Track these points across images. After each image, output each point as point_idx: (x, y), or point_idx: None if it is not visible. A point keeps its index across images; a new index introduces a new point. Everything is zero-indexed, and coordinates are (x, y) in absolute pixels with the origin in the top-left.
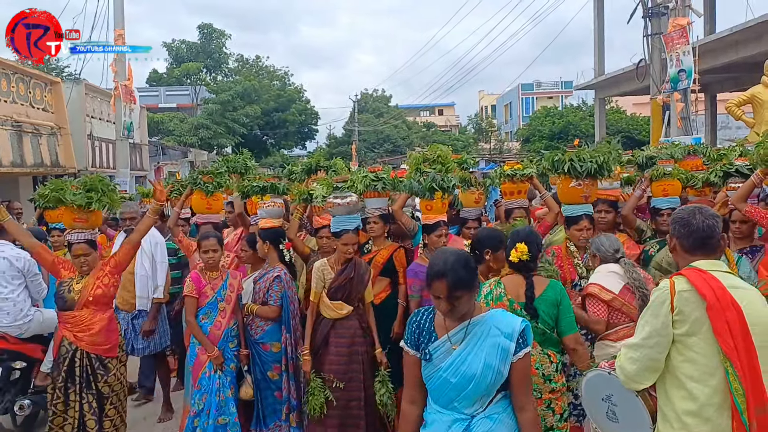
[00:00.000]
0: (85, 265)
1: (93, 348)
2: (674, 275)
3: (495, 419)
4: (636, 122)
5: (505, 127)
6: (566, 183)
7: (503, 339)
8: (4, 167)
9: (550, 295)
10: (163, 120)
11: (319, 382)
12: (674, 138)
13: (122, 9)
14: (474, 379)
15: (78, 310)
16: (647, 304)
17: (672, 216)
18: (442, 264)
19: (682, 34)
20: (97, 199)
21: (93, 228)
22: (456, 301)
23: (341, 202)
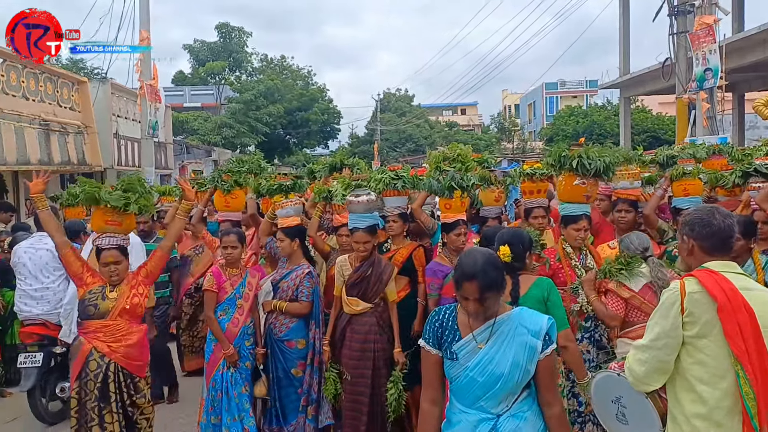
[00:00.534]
0: (115, 274)
1: (127, 362)
2: (685, 276)
3: (521, 417)
4: (661, 122)
5: (528, 126)
6: (569, 180)
7: (531, 338)
8: (32, 165)
9: (536, 293)
10: (188, 119)
11: (333, 374)
12: (700, 137)
13: (148, 10)
14: (502, 378)
15: (112, 319)
16: None
17: (686, 217)
18: (472, 265)
19: (709, 33)
20: (134, 200)
21: (126, 233)
22: (486, 302)
23: (357, 200)
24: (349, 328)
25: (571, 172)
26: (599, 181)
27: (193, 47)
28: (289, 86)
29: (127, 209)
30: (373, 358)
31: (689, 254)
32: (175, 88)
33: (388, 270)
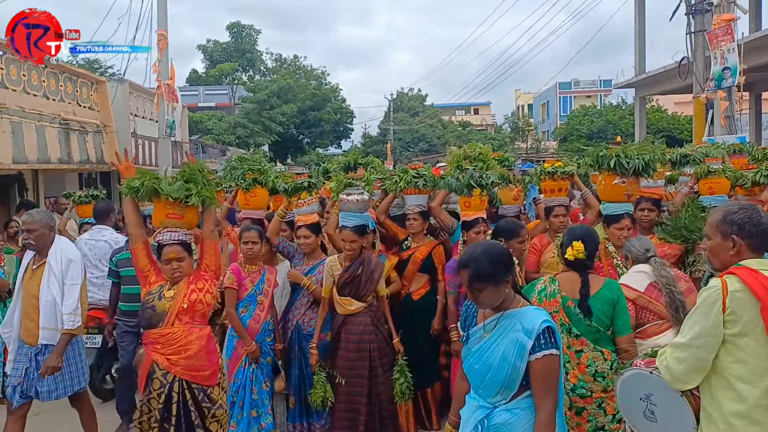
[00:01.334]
0: (177, 271)
1: (191, 375)
2: (724, 274)
3: (514, 413)
4: (677, 121)
5: (541, 126)
6: (609, 180)
7: (522, 335)
8: (52, 164)
9: (606, 294)
10: (202, 119)
11: (322, 377)
12: (718, 137)
13: (165, 9)
14: (492, 369)
15: (169, 326)
16: (673, 301)
17: (730, 216)
18: (467, 255)
19: (727, 31)
20: (196, 192)
21: (189, 227)
22: (477, 292)
23: (349, 199)
24: (343, 329)
25: (610, 172)
26: (640, 180)
27: (207, 47)
28: (302, 86)
29: (188, 201)
30: (369, 358)
31: (736, 254)
32: (189, 87)
33: (378, 268)
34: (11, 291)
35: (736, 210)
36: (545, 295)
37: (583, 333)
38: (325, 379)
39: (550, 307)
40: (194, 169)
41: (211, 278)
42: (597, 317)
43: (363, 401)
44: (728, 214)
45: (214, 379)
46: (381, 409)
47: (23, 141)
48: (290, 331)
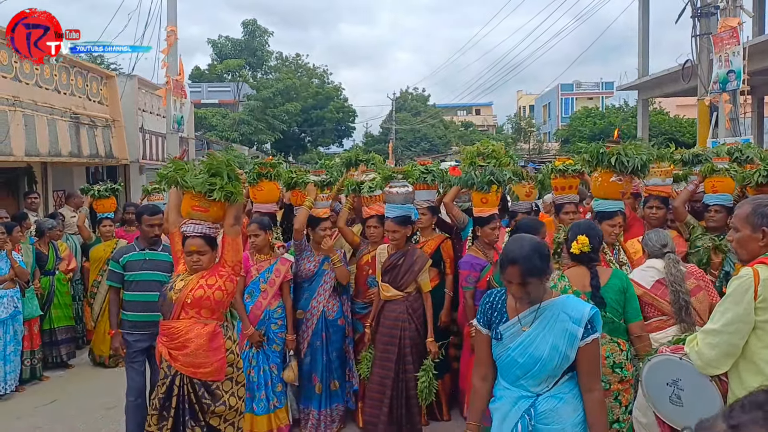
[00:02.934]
0: (197, 264)
1: (191, 371)
2: (756, 263)
3: (560, 398)
4: (679, 124)
5: (543, 127)
6: (606, 177)
7: (572, 324)
8: (62, 157)
9: (617, 283)
10: (206, 115)
11: (369, 355)
12: (722, 139)
13: (175, 5)
14: (540, 361)
15: (175, 320)
16: (678, 300)
17: (759, 209)
18: (517, 251)
19: (732, 35)
20: (219, 186)
21: (215, 221)
22: (528, 287)
23: (393, 191)
24: (382, 314)
25: (608, 169)
26: (634, 178)
27: (217, 42)
28: (305, 84)
29: (211, 196)
30: (399, 344)
31: (765, 245)
32: (192, 84)
33: (420, 261)
34: (29, 281)
35: (766, 203)
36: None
37: None
38: (370, 356)
39: None
40: (221, 162)
41: (228, 274)
42: (611, 307)
43: (390, 384)
44: (759, 206)
45: (218, 374)
46: (408, 396)
47: (35, 134)
48: (315, 318)
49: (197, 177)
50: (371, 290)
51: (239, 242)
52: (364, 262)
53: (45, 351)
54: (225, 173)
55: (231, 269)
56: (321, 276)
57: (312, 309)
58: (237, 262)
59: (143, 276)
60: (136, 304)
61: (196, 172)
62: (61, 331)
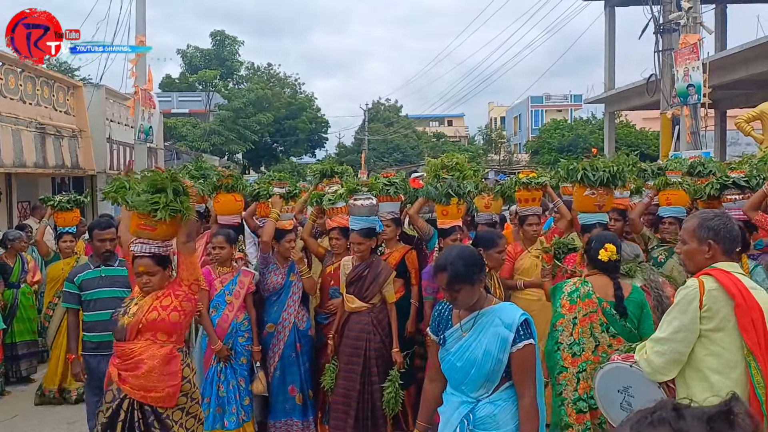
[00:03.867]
0: (147, 285)
1: (141, 395)
2: (701, 275)
3: (498, 405)
4: (645, 137)
5: (514, 139)
6: (580, 192)
7: (503, 329)
8: (27, 168)
9: (637, 297)
10: (176, 125)
11: (333, 366)
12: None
13: (144, 15)
14: (476, 365)
15: (130, 341)
16: (661, 304)
17: (707, 222)
18: (444, 258)
19: (693, 50)
20: (164, 205)
21: (164, 239)
22: (456, 293)
23: (357, 204)
24: (346, 326)
25: (580, 184)
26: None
27: (186, 52)
28: (277, 94)
29: (155, 216)
30: (365, 356)
31: (711, 257)
32: (163, 93)
33: (384, 272)
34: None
35: (711, 217)
36: (579, 296)
37: (620, 333)
38: (334, 367)
39: (586, 307)
40: (164, 178)
41: (185, 294)
42: (630, 319)
43: (355, 396)
44: (705, 220)
45: (169, 401)
46: (374, 408)
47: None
48: (287, 330)
49: (139, 196)
50: (331, 301)
51: (195, 260)
52: (327, 273)
53: (6, 366)
54: (170, 189)
55: (188, 288)
56: (289, 288)
57: (283, 321)
58: (194, 281)
59: (101, 294)
60: (97, 324)
61: (139, 189)
62: (22, 346)
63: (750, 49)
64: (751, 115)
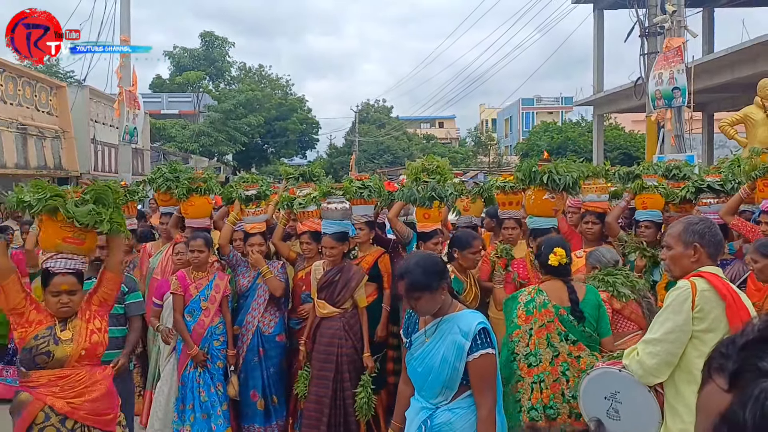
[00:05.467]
0: (66, 306)
1: (94, 420)
2: (692, 276)
3: (456, 413)
4: (634, 139)
5: (504, 141)
6: (539, 195)
7: (460, 337)
8: (8, 169)
9: (592, 299)
10: (165, 126)
11: (305, 372)
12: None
13: (128, 15)
14: (433, 371)
15: (70, 367)
16: (651, 311)
17: (692, 227)
18: (404, 267)
19: (677, 53)
20: (107, 217)
21: (87, 253)
22: (415, 301)
23: (329, 207)
24: (318, 331)
25: (540, 187)
26: (567, 195)
27: (174, 53)
28: (267, 96)
29: (96, 228)
30: (337, 362)
31: (696, 261)
32: (152, 94)
33: (356, 277)
34: None
35: (696, 221)
36: (534, 306)
37: (579, 338)
38: (308, 374)
39: (543, 317)
40: (104, 188)
41: (103, 315)
42: (588, 322)
43: (327, 402)
44: (690, 224)
45: (113, 423)
46: (346, 413)
47: None
48: (250, 333)
49: (80, 206)
50: (302, 306)
51: (118, 277)
52: (299, 278)
53: None
54: (111, 202)
55: (99, 307)
56: (255, 291)
57: (246, 324)
58: (110, 302)
59: None
60: None
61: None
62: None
63: (735, 53)
64: (735, 119)
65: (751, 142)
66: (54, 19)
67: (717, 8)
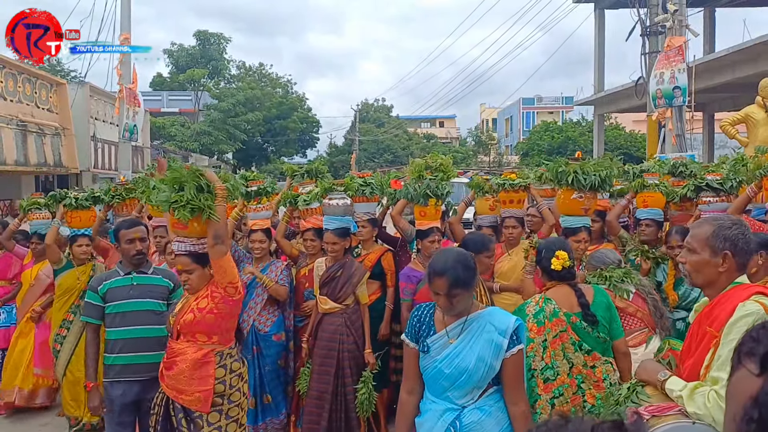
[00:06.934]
0: (187, 284)
1: (173, 395)
2: (753, 294)
3: (485, 411)
4: (634, 139)
5: (505, 140)
6: (567, 195)
7: (497, 335)
8: (7, 165)
9: (602, 300)
10: (165, 125)
11: (306, 369)
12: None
13: (129, 13)
14: (467, 372)
15: (173, 340)
16: (657, 309)
17: (722, 231)
18: (443, 263)
19: (678, 53)
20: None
21: (199, 236)
22: (454, 299)
23: (331, 203)
24: (319, 327)
25: (568, 187)
26: (597, 195)
27: (172, 51)
28: (268, 94)
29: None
30: (338, 357)
31: (726, 271)
32: (152, 92)
33: (358, 273)
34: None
35: (729, 225)
36: (545, 316)
37: (593, 347)
38: (309, 370)
39: (555, 327)
40: (185, 174)
41: (221, 296)
42: (602, 325)
43: (328, 398)
44: (721, 228)
45: (202, 406)
46: (347, 410)
47: None
48: (245, 332)
49: (160, 194)
50: (306, 303)
51: (224, 263)
52: (301, 275)
53: None
54: (190, 186)
55: (223, 290)
56: (253, 289)
57: (242, 323)
58: (228, 284)
59: (131, 306)
60: (124, 344)
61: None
62: None
63: (736, 52)
64: (736, 119)
65: (752, 142)
66: (54, 19)
67: (718, 8)
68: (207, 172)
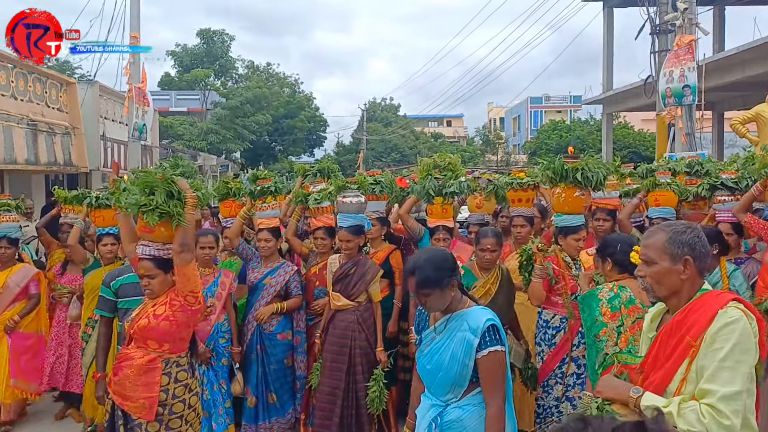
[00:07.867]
0: (148, 288)
1: (119, 401)
2: (731, 301)
3: (466, 410)
4: (643, 138)
5: (513, 139)
6: (570, 192)
7: (469, 334)
8: (18, 164)
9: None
10: (173, 124)
11: (318, 365)
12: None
13: (138, 12)
14: (443, 368)
15: (124, 346)
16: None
17: (677, 236)
18: (413, 262)
19: (688, 51)
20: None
21: (165, 241)
22: (426, 297)
23: (345, 201)
24: (332, 324)
25: (571, 185)
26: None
27: (176, 52)
28: (276, 93)
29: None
30: (350, 354)
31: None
32: (161, 92)
33: (371, 271)
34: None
35: (683, 230)
36: (621, 303)
37: None
38: (319, 366)
39: (633, 313)
40: (156, 179)
41: (180, 305)
42: None
43: (340, 394)
44: (677, 234)
45: (147, 414)
46: (358, 406)
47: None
48: (250, 332)
49: (130, 196)
50: (317, 302)
51: (188, 271)
52: (311, 273)
53: None
54: (160, 192)
55: (183, 299)
56: (260, 290)
57: (247, 323)
58: (189, 293)
59: (140, 302)
60: None
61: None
62: None
63: (746, 51)
64: (746, 117)
65: (762, 141)
66: (54, 19)
67: (728, 6)
68: (179, 180)
